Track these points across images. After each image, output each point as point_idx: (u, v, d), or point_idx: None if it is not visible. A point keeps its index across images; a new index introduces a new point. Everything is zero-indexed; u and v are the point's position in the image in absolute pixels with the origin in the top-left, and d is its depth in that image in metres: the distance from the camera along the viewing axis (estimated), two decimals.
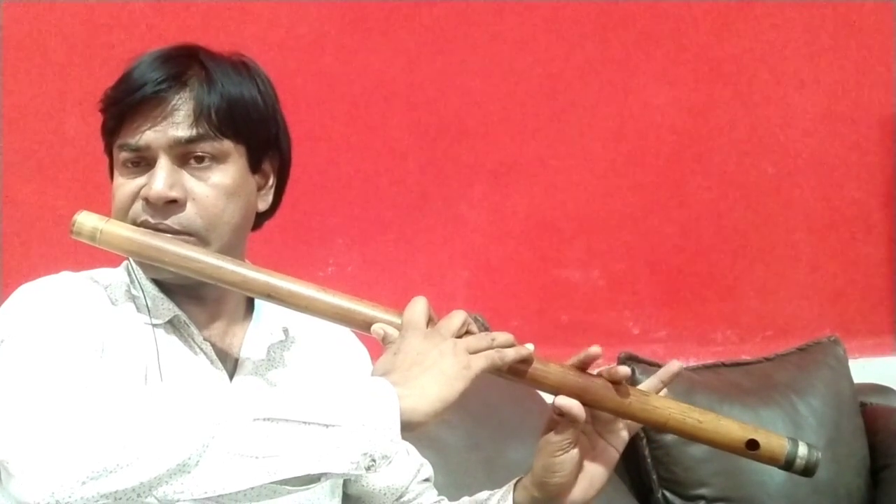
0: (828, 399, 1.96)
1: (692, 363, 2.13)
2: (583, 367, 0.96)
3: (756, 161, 2.27)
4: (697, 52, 2.21)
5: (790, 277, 2.30)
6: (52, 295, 0.94)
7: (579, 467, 0.97)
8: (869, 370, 2.20)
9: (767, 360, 2.05)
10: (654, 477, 1.85)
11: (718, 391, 1.90)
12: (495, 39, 2.05)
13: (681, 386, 1.87)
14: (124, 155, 0.97)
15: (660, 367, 1.94)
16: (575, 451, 0.96)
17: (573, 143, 2.12)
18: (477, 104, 2.04)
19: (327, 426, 0.73)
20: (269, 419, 0.72)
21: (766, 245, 2.28)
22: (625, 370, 0.95)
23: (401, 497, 1.13)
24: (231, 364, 1.03)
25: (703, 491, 1.83)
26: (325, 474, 0.74)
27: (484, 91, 2.04)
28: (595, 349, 0.95)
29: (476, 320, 1.85)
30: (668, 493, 1.85)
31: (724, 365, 2.02)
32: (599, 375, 0.96)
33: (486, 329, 1.85)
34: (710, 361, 2.06)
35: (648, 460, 1.85)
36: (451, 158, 2.02)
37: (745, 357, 2.09)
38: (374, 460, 0.74)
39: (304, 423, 0.73)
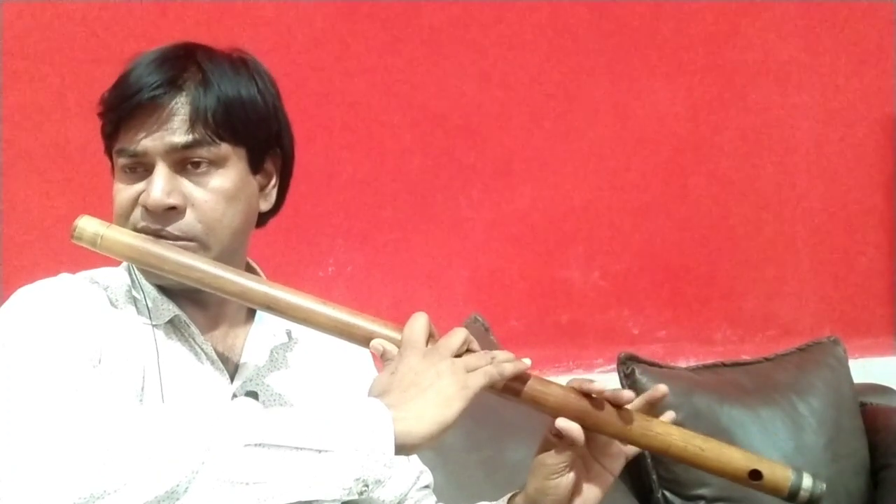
0: (828, 399, 1.96)
1: (692, 363, 2.13)
2: (583, 390, 0.94)
3: (756, 161, 2.27)
4: (697, 52, 2.21)
5: (790, 277, 2.30)
6: (48, 301, 0.93)
7: (573, 490, 0.96)
8: (869, 370, 2.20)
9: (767, 360, 2.05)
10: (654, 477, 1.85)
11: (718, 391, 1.90)
12: (496, 39, 2.04)
13: (681, 386, 1.87)
14: (122, 161, 0.97)
15: (660, 367, 1.96)
16: (571, 475, 0.95)
17: (573, 144, 2.12)
18: (477, 104, 2.04)
19: (320, 451, 0.72)
20: (260, 444, 0.71)
21: (766, 245, 2.28)
22: (629, 395, 0.93)
23: None
24: (232, 366, 1.02)
25: (703, 491, 1.82)
26: (317, 500, 0.73)
27: (484, 91, 2.04)
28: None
29: (476, 320, 1.86)
30: (668, 493, 1.85)
31: (724, 365, 2.02)
32: (601, 398, 0.95)
33: (486, 329, 1.86)
34: (710, 361, 2.06)
35: (648, 460, 1.85)
36: (451, 158, 2.02)
37: (745, 357, 2.09)
38: (366, 485, 0.73)
39: (296, 448, 0.72)
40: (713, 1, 2.22)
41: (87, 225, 0.93)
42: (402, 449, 0.76)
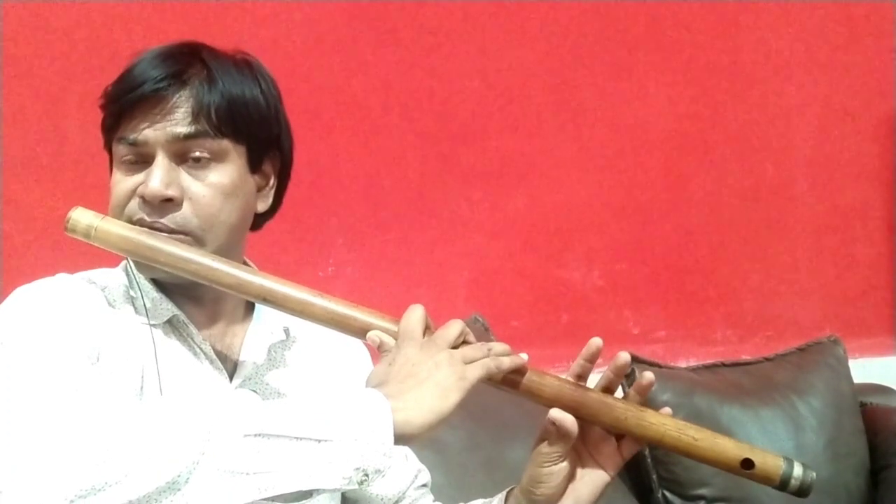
0: (828, 399, 1.96)
1: (692, 363, 2.13)
2: (589, 362, 0.96)
3: (756, 161, 2.27)
4: (697, 52, 2.21)
5: (790, 277, 2.30)
6: (46, 300, 0.93)
7: (567, 482, 0.96)
8: (869, 370, 2.21)
9: (767, 360, 2.05)
10: (654, 477, 1.85)
11: (718, 391, 1.90)
12: (495, 39, 2.05)
13: (681, 386, 1.87)
14: (122, 151, 0.97)
15: (660, 367, 1.96)
16: (563, 465, 0.95)
17: (573, 144, 2.12)
18: (477, 104, 2.04)
19: (319, 441, 0.73)
20: (260, 434, 0.71)
21: (766, 245, 2.28)
22: (624, 357, 0.96)
23: (397, 502, 1.13)
24: (231, 364, 1.02)
25: (703, 491, 1.82)
26: (317, 490, 0.73)
27: (484, 91, 2.04)
28: (596, 340, 0.95)
29: (476, 320, 1.86)
30: (668, 493, 1.85)
31: (724, 365, 2.02)
32: (596, 390, 0.96)
33: (486, 329, 1.86)
34: (710, 361, 2.06)
35: (648, 460, 1.85)
36: (451, 158, 2.02)
37: (745, 357, 2.10)
38: (366, 475, 0.74)
39: (296, 438, 0.72)
40: (713, 1, 2.22)
41: (81, 217, 0.93)
42: (401, 439, 0.77)
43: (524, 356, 0.92)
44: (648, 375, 0.97)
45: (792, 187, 2.30)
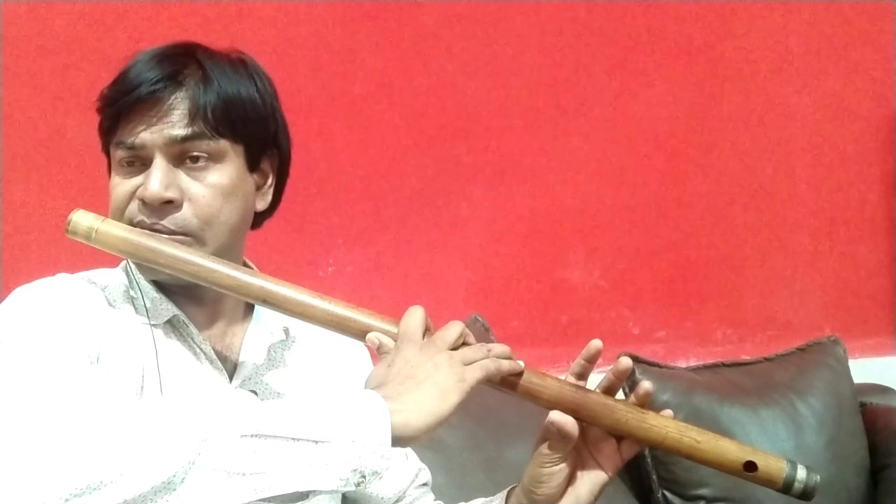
0: (828, 399, 1.96)
1: (692, 363, 2.13)
2: (588, 362, 0.96)
3: (756, 161, 2.27)
4: (697, 52, 2.21)
5: (790, 277, 2.30)
6: (46, 300, 0.93)
7: (567, 482, 0.96)
8: (869, 370, 2.20)
9: (767, 360, 2.05)
10: (654, 477, 1.85)
11: (718, 391, 1.90)
12: (495, 39, 2.04)
13: (681, 386, 1.87)
14: (120, 154, 0.97)
15: (660, 367, 1.96)
16: (563, 466, 0.95)
17: (573, 144, 2.12)
18: (477, 104, 2.04)
19: (316, 442, 0.73)
20: (257, 435, 0.71)
21: (766, 245, 2.28)
22: (626, 363, 0.96)
23: (398, 501, 1.13)
24: (231, 364, 1.02)
25: (703, 491, 1.82)
26: (314, 491, 0.73)
27: (484, 91, 2.04)
28: (596, 342, 0.95)
29: (476, 321, 1.86)
30: (668, 493, 1.85)
31: (724, 365, 2.02)
32: (596, 391, 0.96)
33: (486, 329, 1.85)
34: (710, 361, 2.06)
35: (648, 460, 1.85)
36: (451, 158, 2.02)
37: (745, 357, 2.10)
38: (363, 477, 0.74)
39: (293, 439, 0.72)
40: (713, 1, 2.22)
41: (82, 219, 0.93)
42: (399, 441, 0.76)
43: (521, 363, 0.92)
44: (645, 385, 0.96)
45: (792, 187, 2.30)
